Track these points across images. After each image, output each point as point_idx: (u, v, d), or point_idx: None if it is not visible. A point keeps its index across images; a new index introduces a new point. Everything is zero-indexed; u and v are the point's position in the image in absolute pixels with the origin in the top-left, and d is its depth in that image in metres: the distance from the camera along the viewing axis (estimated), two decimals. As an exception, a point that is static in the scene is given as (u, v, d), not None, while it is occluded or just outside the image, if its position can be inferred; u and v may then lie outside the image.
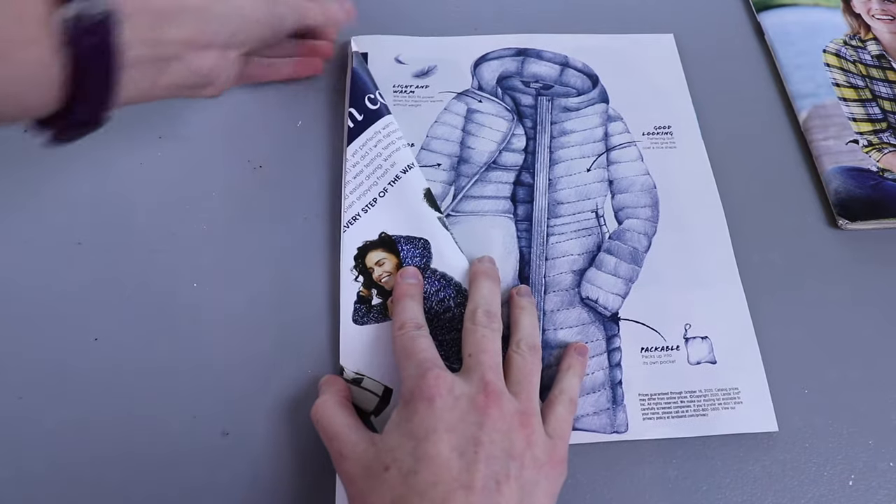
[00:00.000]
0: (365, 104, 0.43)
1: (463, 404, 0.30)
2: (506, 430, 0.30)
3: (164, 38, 0.32)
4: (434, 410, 0.29)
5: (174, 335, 0.37)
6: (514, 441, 0.30)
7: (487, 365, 0.32)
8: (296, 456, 0.34)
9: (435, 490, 0.27)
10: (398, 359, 0.33)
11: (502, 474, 0.28)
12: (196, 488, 0.33)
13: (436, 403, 0.29)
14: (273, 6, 0.37)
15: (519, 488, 0.28)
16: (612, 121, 0.45)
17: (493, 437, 0.29)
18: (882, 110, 0.46)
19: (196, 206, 0.41)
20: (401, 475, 0.28)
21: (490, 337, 0.33)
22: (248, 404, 0.35)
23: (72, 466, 0.33)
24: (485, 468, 0.28)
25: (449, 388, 0.30)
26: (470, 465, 0.28)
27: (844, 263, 0.41)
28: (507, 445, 0.29)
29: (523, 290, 0.37)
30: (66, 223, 0.40)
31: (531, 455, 0.30)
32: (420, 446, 0.28)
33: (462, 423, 0.29)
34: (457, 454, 0.28)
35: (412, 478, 0.28)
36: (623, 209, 0.42)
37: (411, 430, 0.29)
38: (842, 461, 0.35)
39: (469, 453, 0.28)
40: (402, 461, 0.28)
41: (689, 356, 0.37)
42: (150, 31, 0.31)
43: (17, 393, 0.35)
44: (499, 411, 0.30)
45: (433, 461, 0.28)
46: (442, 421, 0.29)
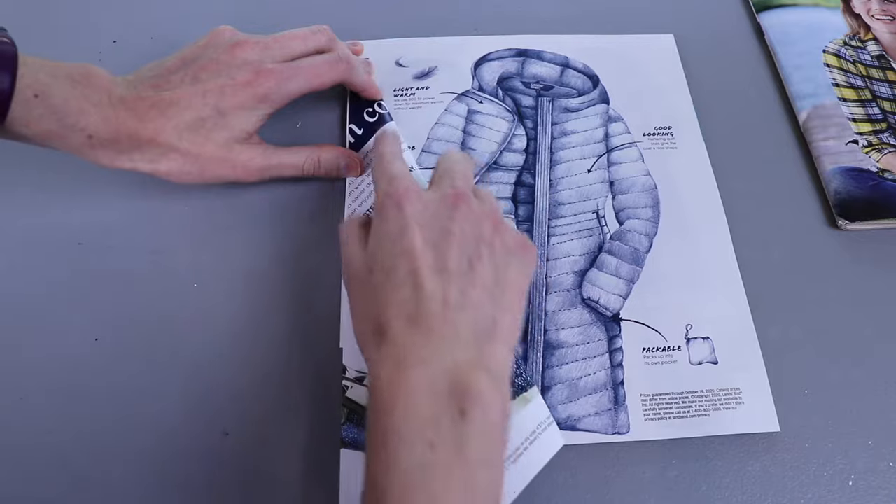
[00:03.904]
0: (364, 118, 0.43)
1: (432, 205, 0.32)
2: (475, 221, 0.32)
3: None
4: (404, 213, 0.31)
5: (174, 335, 0.37)
6: (484, 229, 0.32)
7: (458, 176, 0.34)
8: (296, 456, 0.34)
9: (415, 278, 0.29)
10: (374, 181, 0.34)
11: (475, 255, 0.30)
12: (196, 488, 0.33)
13: (405, 208, 0.31)
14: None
15: (492, 267, 0.31)
16: (612, 121, 0.45)
17: (464, 226, 0.31)
18: (882, 111, 0.46)
19: (196, 206, 0.41)
20: (383, 273, 0.30)
21: (464, 163, 0.35)
22: (248, 404, 0.35)
23: (72, 466, 0.33)
24: (457, 252, 0.30)
25: (418, 195, 0.32)
26: (443, 251, 0.30)
27: (844, 264, 0.41)
28: (477, 233, 0.31)
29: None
30: (66, 223, 0.40)
31: (501, 240, 0.32)
32: (396, 244, 0.30)
33: (433, 219, 0.31)
34: (430, 245, 0.30)
35: (393, 274, 0.29)
36: (624, 210, 0.42)
37: (387, 233, 0.31)
38: (842, 461, 0.35)
39: (441, 243, 0.30)
40: (382, 261, 0.30)
41: (690, 356, 0.37)
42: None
43: (17, 393, 0.35)
44: (467, 207, 0.32)
45: (409, 254, 0.30)
46: (413, 219, 0.31)
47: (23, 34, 0.35)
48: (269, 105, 0.39)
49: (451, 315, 0.28)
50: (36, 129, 0.34)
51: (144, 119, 0.36)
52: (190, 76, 0.37)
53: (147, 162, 0.37)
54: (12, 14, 0.49)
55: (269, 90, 0.38)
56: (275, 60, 0.39)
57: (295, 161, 0.40)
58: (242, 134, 0.38)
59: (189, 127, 0.37)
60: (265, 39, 0.39)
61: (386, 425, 0.26)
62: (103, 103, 0.35)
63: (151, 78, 0.37)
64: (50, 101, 0.33)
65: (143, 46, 0.47)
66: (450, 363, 0.27)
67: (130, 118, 0.35)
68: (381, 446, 0.26)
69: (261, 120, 0.39)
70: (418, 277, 0.29)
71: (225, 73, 0.37)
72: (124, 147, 0.36)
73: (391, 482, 0.25)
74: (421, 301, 0.28)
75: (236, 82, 0.37)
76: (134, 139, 0.36)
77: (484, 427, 0.26)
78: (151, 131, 0.36)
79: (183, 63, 0.38)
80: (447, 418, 0.26)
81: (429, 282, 0.29)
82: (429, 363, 0.27)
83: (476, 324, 0.29)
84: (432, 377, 0.27)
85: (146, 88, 0.37)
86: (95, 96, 0.35)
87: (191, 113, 0.37)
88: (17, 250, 0.39)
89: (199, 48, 0.39)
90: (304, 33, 0.41)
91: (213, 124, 0.37)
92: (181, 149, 0.37)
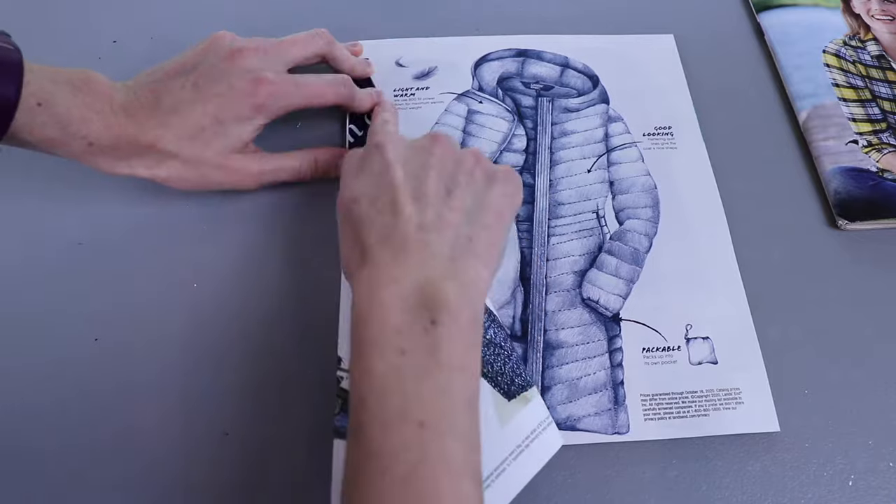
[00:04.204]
0: (364, 121, 0.43)
1: (414, 147, 0.35)
2: (454, 156, 0.35)
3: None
4: (386, 153, 0.34)
5: (174, 335, 0.37)
6: (465, 161, 0.34)
7: (437, 134, 0.36)
8: (296, 456, 0.34)
9: (394, 206, 0.32)
10: (367, 140, 0.38)
11: (452, 183, 0.33)
12: (196, 488, 0.33)
13: (387, 148, 0.34)
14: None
15: (471, 191, 0.33)
16: (612, 121, 0.45)
17: (443, 160, 0.34)
18: (882, 111, 0.46)
19: (196, 206, 0.41)
20: (368, 202, 0.32)
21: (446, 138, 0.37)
22: (248, 404, 0.35)
23: (72, 466, 0.33)
24: (435, 181, 0.33)
25: (401, 141, 0.36)
26: (422, 181, 0.33)
27: (844, 264, 0.41)
28: (457, 164, 0.34)
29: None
30: (66, 224, 0.40)
31: (482, 169, 0.35)
32: (380, 179, 0.33)
33: (414, 156, 0.34)
34: (411, 177, 0.33)
35: (376, 202, 0.32)
36: (624, 210, 0.42)
37: (371, 170, 0.34)
38: (842, 461, 0.35)
39: (420, 174, 0.33)
40: (367, 193, 0.33)
41: (690, 356, 0.37)
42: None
43: (17, 393, 0.35)
44: (447, 144, 0.35)
45: (391, 186, 0.33)
46: (395, 157, 0.34)
47: (23, 35, 0.35)
48: (265, 115, 0.39)
49: (426, 236, 0.31)
50: (39, 136, 0.34)
51: (144, 126, 0.36)
52: (190, 83, 0.37)
53: (145, 168, 0.37)
54: (11, 14, 0.49)
55: (267, 101, 0.38)
56: (274, 68, 0.39)
57: (292, 165, 0.41)
58: (239, 143, 0.39)
59: (188, 135, 0.37)
60: (264, 45, 0.39)
61: (362, 336, 0.29)
62: (105, 111, 0.35)
63: (151, 83, 0.37)
64: (53, 110, 0.34)
65: (143, 47, 0.47)
66: (421, 279, 0.29)
67: (131, 125, 0.36)
68: (358, 357, 0.28)
69: (257, 130, 0.39)
70: (397, 205, 0.32)
71: (224, 82, 0.37)
72: (123, 153, 0.36)
73: (369, 389, 0.27)
74: (398, 225, 0.31)
75: (235, 91, 0.37)
76: (133, 145, 0.36)
77: (453, 332, 0.28)
78: (151, 138, 0.36)
79: (182, 69, 0.38)
80: (418, 326, 0.28)
81: (406, 207, 0.32)
82: (400, 281, 0.29)
83: (451, 242, 0.31)
84: (404, 292, 0.29)
85: (146, 94, 0.37)
86: (97, 104, 0.35)
87: (190, 122, 0.37)
88: (18, 250, 0.39)
89: (199, 54, 0.39)
90: (303, 38, 0.41)
91: (211, 133, 0.37)
92: (180, 156, 0.37)
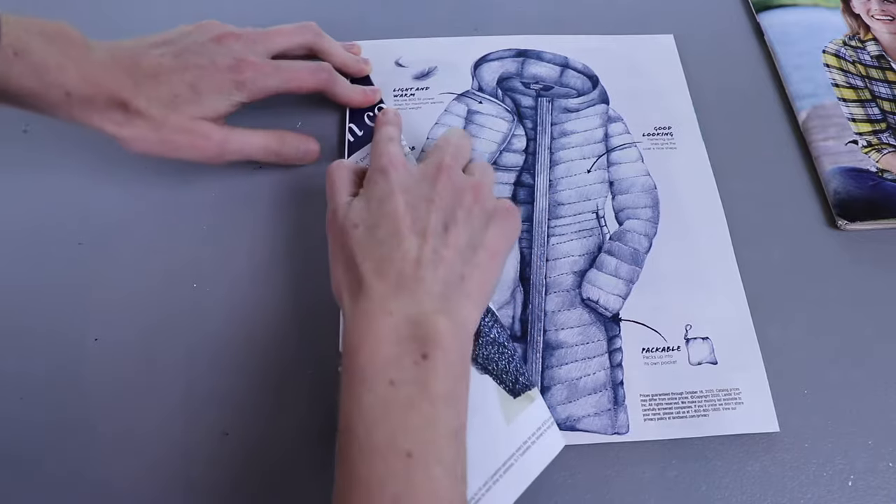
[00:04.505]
0: (364, 121, 0.43)
1: (417, 175, 0.35)
2: (455, 191, 0.34)
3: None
4: (389, 179, 0.34)
5: (174, 335, 0.37)
6: (464, 197, 0.34)
7: (448, 151, 0.36)
8: (296, 456, 0.34)
9: (392, 238, 0.32)
10: (370, 156, 0.37)
11: (450, 219, 0.33)
12: (196, 488, 0.33)
13: (391, 174, 0.34)
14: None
15: (468, 229, 0.33)
16: (612, 122, 0.45)
17: (444, 195, 0.34)
18: (881, 111, 0.46)
19: (196, 206, 0.41)
20: (366, 229, 0.33)
21: (458, 139, 0.37)
22: (248, 404, 0.35)
23: (72, 466, 0.33)
24: (435, 217, 0.33)
25: (404, 165, 0.35)
26: (422, 217, 0.33)
27: (844, 264, 0.41)
28: (457, 200, 0.34)
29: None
30: (66, 223, 0.40)
31: (480, 206, 0.35)
32: (381, 206, 0.33)
33: (416, 186, 0.34)
34: (411, 210, 0.33)
35: (376, 231, 0.33)
36: (623, 210, 0.42)
37: (374, 196, 0.34)
38: (841, 461, 0.35)
39: (421, 209, 0.33)
40: (366, 219, 0.33)
41: (689, 357, 0.37)
42: None
43: (17, 393, 0.35)
44: (449, 178, 0.35)
45: (391, 216, 0.33)
46: (398, 185, 0.34)
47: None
48: (244, 94, 0.39)
49: (422, 272, 0.31)
50: (17, 87, 0.34)
51: (120, 83, 0.36)
52: (171, 52, 0.38)
53: (114, 124, 0.37)
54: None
55: (248, 80, 0.39)
56: (258, 54, 0.40)
57: (257, 141, 0.40)
58: (212, 114, 0.39)
59: (161, 100, 0.37)
60: (251, 34, 0.40)
61: (353, 367, 0.29)
62: (81, 60, 0.35)
63: (130, 48, 0.38)
64: (30, 59, 0.34)
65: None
66: (413, 313, 0.30)
67: (107, 79, 0.36)
68: (348, 386, 0.29)
69: (233, 106, 0.39)
70: (397, 237, 0.32)
71: (206, 56, 0.38)
72: (99, 107, 0.36)
73: (358, 418, 0.28)
74: (396, 259, 0.31)
75: (217, 66, 0.38)
76: (108, 100, 0.36)
77: (443, 366, 0.29)
78: (126, 96, 0.36)
79: (164, 42, 0.39)
80: (409, 359, 0.29)
81: (406, 241, 0.32)
82: (394, 314, 0.30)
83: (445, 279, 0.31)
84: (396, 325, 0.29)
85: (124, 56, 0.37)
86: (73, 52, 0.35)
87: (167, 88, 0.37)
88: (18, 250, 0.39)
89: (184, 34, 0.39)
90: (290, 29, 0.42)
91: (185, 100, 0.38)
92: (148, 116, 0.37)
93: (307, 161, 0.42)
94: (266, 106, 0.42)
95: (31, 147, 0.43)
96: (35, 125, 0.44)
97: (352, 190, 0.36)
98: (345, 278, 0.32)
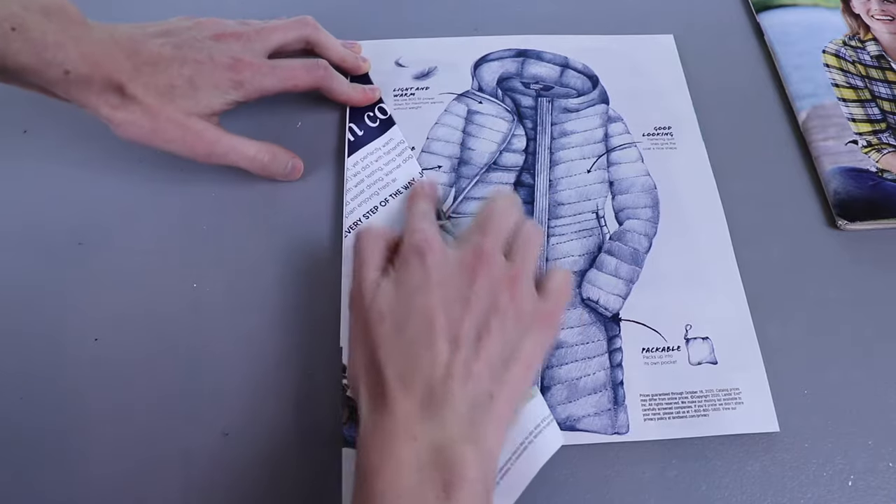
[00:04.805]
0: (364, 121, 0.43)
1: (454, 263, 0.32)
2: (492, 288, 0.31)
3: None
4: (426, 264, 0.32)
5: (174, 335, 0.37)
6: (500, 297, 0.31)
7: (491, 230, 0.33)
8: (296, 456, 0.34)
9: (422, 340, 0.30)
10: (404, 231, 0.35)
11: (484, 328, 0.30)
12: (196, 488, 0.33)
13: (427, 258, 0.32)
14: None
15: (501, 341, 0.30)
16: (612, 122, 0.45)
17: (480, 293, 0.31)
18: (881, 111, 0.46)
19: (196, 206, 0.41)
20: (395, 325, 0.30)
21: (502, 213, 0.34)
22: (248, 404, 0.35)
23: (72, 466, 0.33)
24: (468, 323, 0.30)
25: (442, 248, 0.33)
26: (456, 320, 0.30)
27: (844, 264, 0.41)
28: (492, 301, 0.31)
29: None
30: (66, 223, 0.40)
31: (515, 310, 0.31)
32: (412, 298, 0.31)
33: (452, 279, 0.31)
34: (444, 309, 0.30)
35: (404, 329, 0.30)
36: (623, 210, 0.42)
37: (406, 282, 0.32)
38: (841, 461, 0.35)
39: (455, 309, 0.30)
40: (396, 311, 0.31)
41: (689, 357, 0.37)
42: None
43: (17, 393, 0.35)
44: (487, 272, 0.32)
45: (423, 314, 0.30)
46: (434, 275, 0.31)
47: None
48: (241, 93, 0.39)
49: (450, 387, 0.29)
50: (13, 63, 0.34)
51: (119, 67, 0.36)
52: (171, 44, 0.38)
53: (109, 106, 0.36)
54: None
55: (245, 79, 0.39)
56: (255, 53, 0.40)
57: (248, 150, 0.40)
58: (206, 110, 0.39)
59: (158, 89, 0.37)
60: (248, 32, 0.40)
61: (370, 491, 0.27)
62: (82, 39, 0.35)
63: (131, 33, 0.38)
64: (28, 35, 0.33)
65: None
66: (439, 438, 0.28)
67: (107, 61, 0.36)
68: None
69: (228, 104, 0.39)
70: (427, 340, 0.29)
71: (205, 52, 0.38)
72: (96, 87, 0.36)
73: None
74: (423, 366, 0.29)
75: (215, 63, 0.38)
76: (106, 82, 0.36)
77: (466, 497, 0.27)
78: (123, 79, 0.36)
79: (165, 32, 0.39)
80: (431, 491, 0.26)
81: (436, 347, 0.29)
82: (419, 439, 0.28)
83: (473, 398, 0.29)
84: (419, 450, 0.27)
85: (125, 41, 0.37)
86: (72, 29, 0.35)
87: (165, 78, 0.37)
88: (17, 250, 0.39)
89: (183, 28, 0.39)
90: (286, 24, 0.42)
91: (181, 93, 0.38)
92: (143, 104, 0.37)
93: (290, 178, 0.42)
94: (266, 106, 0.42)
95: (31, 147, 0.43)
96: (35, 125, 0.44)
97: (381, 263, 0.33)
98: (366, 376, 0.30)
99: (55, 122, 0.43)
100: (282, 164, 0.41)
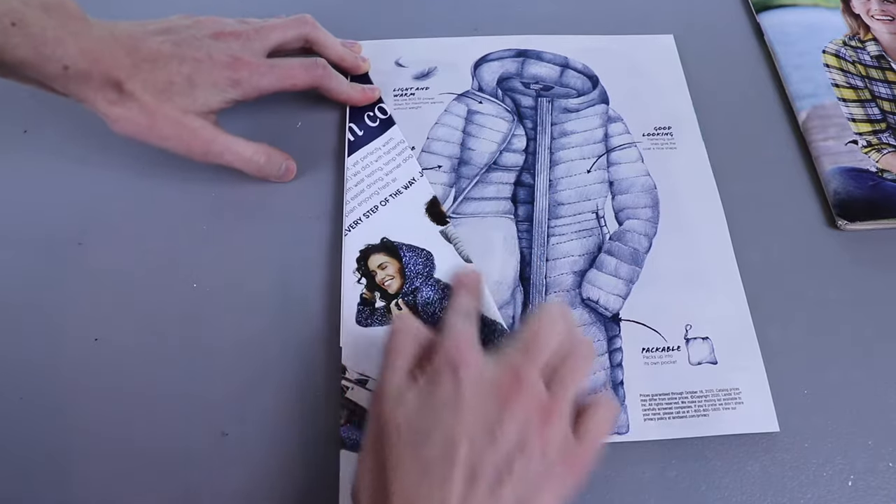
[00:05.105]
0: (364, 121, 0.44)
1: (488, 383, 0.29)
2: (522, 423, 0.28)
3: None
4: (459, 382, 0.29)
5: (174, 335, 0.37)
6: (529, 436, 0.28)
7: (535, 351, 0.30)
8: (296, 456, 0.34)
9: (438, 469, 0.27)
10: (443, 326, 0.32)
11: (506, 469, 0.28)
12: (196, 488, 0.33)
13: (461, 375, 0.29)
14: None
15: (523, 484, 0.28)
16: (612, 122, 0.45)
17: (509, 428, 0.28)
18: (881, 111, 0.46)
19: (196, 206, 0.41)
20: (411, 440, 0.28)
21: (549, 333, 0.31)
22: (248, 404, 0.35)
23: (72, 466, 0.33)
24: (490, 459, 0.27)
25: (477, 361, 0.29)
26: (479, 453, 0.27)
27: (844, 264, 0.41)
28: (520, 439, 0.28)
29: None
30: (66, 223, 0.40)
31: (542, 452, 0.28)
32: (438, 415, 0.28)
33: (483, 404, 0.28)
34: (469, 438, 0.27)
35: (422, 450, 0.27)
36: (623, 210, 0.42)
37: (433, 395, 0.29)
38: (841, 461, 0.35)
39: (480, 442, 0.28)
40: (415, 424, 0.28)
41: (689, 357, 0.37)
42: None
43: (17, 393, 0.35)
44: (522, 401, 0.29)
45: (445, 438, 0.27)
46: (464, 397, 0.28)
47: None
48: (239, 91, 0.39)
49: None
50: (11, 57, 0.34)
51: (118, 63, 0.36)
52: (170, 41, 0.38)
53: (107, 102, 0.37)
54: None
55: (243, 78, 0.39)
56: (254, 52, 0.40)
57: (244, 150, 0.40)
58: (204, 108, 0.39)
59: (156, 86, 0.37)
60: (247, 31, 0.40)
61: None
62: (81, 35, 0.35)
63: (130, 30, 0.38)
64: (28, 30, 0.33)
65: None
66: None
67: (106, 57, 0.36)
68: None
69: (226, 103, 0.39)
70: (444, 471, 0.27)
71: (205, 51, 0.38)
72: (94, 83, 0.36)
73: None
74: (434, 500, 0.27)
75: (214, 61, 0.38)
76: (105, 78, 0.36)
77: None
78: (122, 76, 0.36)
79: (164, 30, 0.39)
80: None
81: (452, 483, 0.27)
82: None
83: None
84: None
85: (124, 38, 0.37)
86: (72, 25, 0.35)
87: (163, 75, 0.37)
88: (18, 250, 0.39)
89: (182, 27, 0.39)
90: (285, 23, 0.42)
91: (179, 90, 0.38)
92: (141, 100, 0.37)
93: (283, 180, 0.42)
94: (266, 105, 0.42)
95: (31, 147, 0.43)
96: (35, 126, 0.44)
97: (410, 364, 0.31)
98: (370, 488, 0.28)
99: (55, 121, 0.43)
100: (276, 166, 0.41)
